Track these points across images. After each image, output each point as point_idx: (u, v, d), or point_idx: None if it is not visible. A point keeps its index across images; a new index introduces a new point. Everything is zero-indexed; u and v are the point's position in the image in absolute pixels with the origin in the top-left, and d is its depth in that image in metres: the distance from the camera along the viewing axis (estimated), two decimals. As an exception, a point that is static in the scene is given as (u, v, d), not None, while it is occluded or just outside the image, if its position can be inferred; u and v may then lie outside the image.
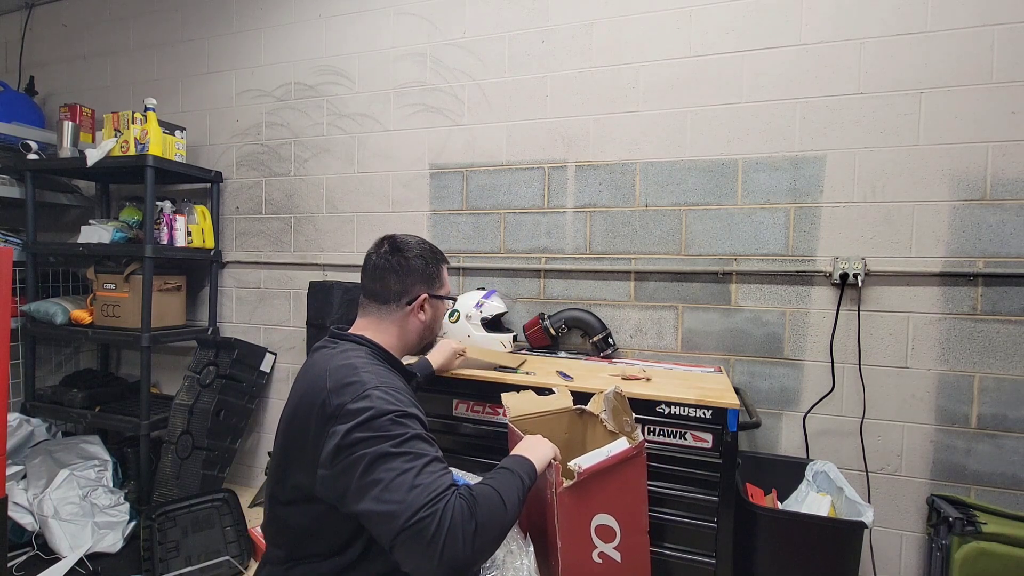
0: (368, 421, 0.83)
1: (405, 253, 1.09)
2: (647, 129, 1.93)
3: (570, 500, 1.03)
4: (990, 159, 1.61)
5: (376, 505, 0.77)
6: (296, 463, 0.91)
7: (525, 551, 1.07)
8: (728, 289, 1.86)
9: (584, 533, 1.07)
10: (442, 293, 1.16)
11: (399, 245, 1.11)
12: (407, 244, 1.11)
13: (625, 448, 1.09)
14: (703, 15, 1.85)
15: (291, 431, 0.94)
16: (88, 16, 2.88)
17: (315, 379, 0.93)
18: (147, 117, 2.21)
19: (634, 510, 1.14)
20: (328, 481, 0.84)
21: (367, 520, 0.80)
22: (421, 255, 1.11)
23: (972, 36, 1.61)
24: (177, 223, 2.33)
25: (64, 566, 1.84)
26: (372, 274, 1.10)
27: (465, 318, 1.85)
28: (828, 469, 1.58)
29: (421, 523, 0.74)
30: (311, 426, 0.88)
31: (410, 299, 1.09)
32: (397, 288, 1.08)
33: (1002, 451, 1.62)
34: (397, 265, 1.08)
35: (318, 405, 0.88)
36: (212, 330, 2.55)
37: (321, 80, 2.39)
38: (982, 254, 1.62)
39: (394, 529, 0.75)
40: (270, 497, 0.98)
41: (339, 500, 0.84)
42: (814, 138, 1.75)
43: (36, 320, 2.37)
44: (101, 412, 2.29)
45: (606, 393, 1.22)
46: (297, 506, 0.92)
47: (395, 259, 1.08)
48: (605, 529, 1.09)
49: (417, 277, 1.09)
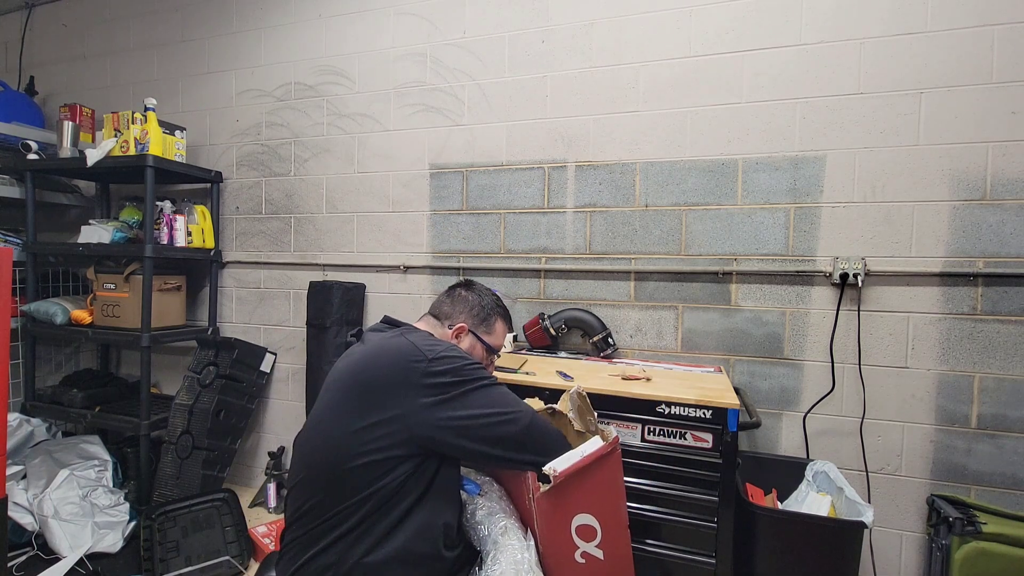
0: (466, 366, 1.02)
1: (468, 290, 1.29)
2: (647, 129, 1.93)
3: (548, 504, 1.04)
4: (990, 159, 1.61)
5: (495, 418, 1.00)
6: (380, 414, 0.96)
7: (526, 545, 1.07)
8: (728, 289, 1.86)
9: (565, 535, 1.07)
10: (486, 338, 1.26)
11: (470, 285, 1.32)
12: (478, 286, 1.32)
13: (599, 446, 1.09)
14: (703, 15, 1.85)
15: (372, 392, 0.98)
16: (88, 16, 2.88)
17: (396, 342, 1.04)
18: (147, 117, 2.20)
19: (613, 507, 1.14)
20: (438, 411, 0.96)
21: (482, 430, 0.98)
22: (480, 295, 1.29)
23: (972, 36, 1.61)
24: (177, 223, 2.33)
25: (64, 566, 1.84)
26: (443, 294, 1.30)
27: (465, 318, 1.84)
28: (828, 469, 1.58)
29: (541, 425, 1.05)
30: (409, 375, 0.97)
31: (452, 323, 1.24)
32: (447, 311, 1.26)
33: (1002, 451, 1.62)
34: (458, 296, 1.28)
35: (411, 352, 1.00)
36: (212, 330, 2.55)
37: (321, 80, 2.39)
38: (982, 254, 1.62)
39: (519, 429, 1.02)
40: (322, 447, 0.99)
41: (442, 426, 0.96)
42: (814, 138, 1.75)
43: (36, 320, 2.37)
44: (101, 412, 2.29)
45: (570, 393, 1.22)
46: (367, 466, 0.95)
47: (459, 291, 1.29)
48: (586, 529, 1.09)
49: (466, 309, 1.26)
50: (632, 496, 1.42)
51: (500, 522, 1.10)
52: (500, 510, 1.14)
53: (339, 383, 1.04)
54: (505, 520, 1.11)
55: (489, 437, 0.99)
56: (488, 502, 1.15)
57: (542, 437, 1.05)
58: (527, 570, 1.02)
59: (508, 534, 1.07)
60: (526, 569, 1.02)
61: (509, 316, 1.34)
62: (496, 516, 1.11)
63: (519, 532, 1.09)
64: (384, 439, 0.95)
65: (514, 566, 1.01)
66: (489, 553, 1.04)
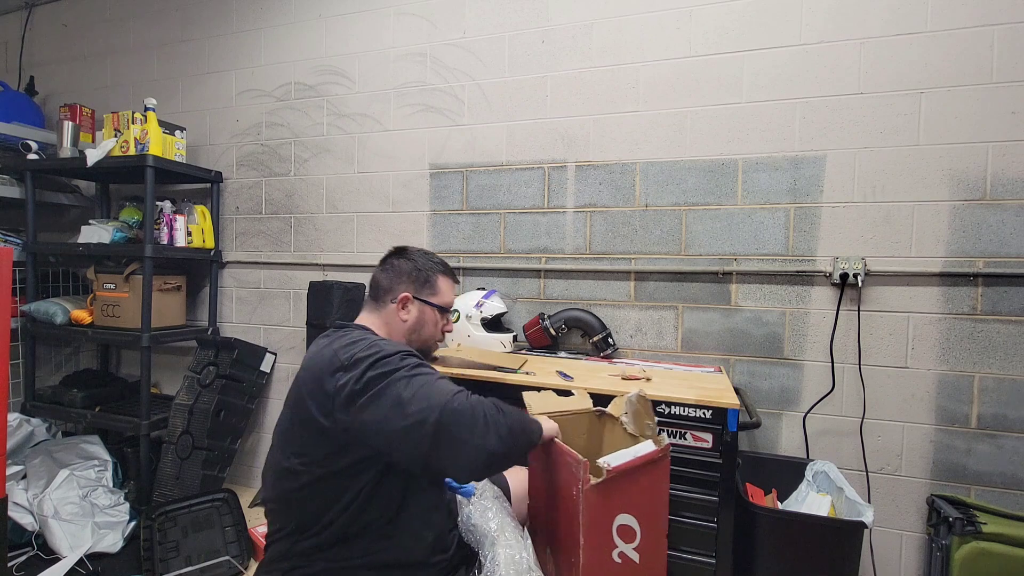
0: (379, 360, 0.92)
1: (399, 256, 1.18)
2: (647, 129, 1.93)
3: (596, 498, 1.04)
4: (990, 159, 1.61)
5: (404, 421, 0.86)
6: (308, 424, 0.94)
7: (523, 544, 1.07)
8: (728, 289, 1.86)
9: (606, 532, 1.08)
10: (432, 300, 1.18)
11: (400, 250, 1.20)
12: (411, 250, 1.20)
13: (651, 450, 1.10)
14: (703, 15, 1.85)
15: (300, 400, 0.96)
16: (88, 16, 2.88)
17: (322, 353, 0.98)
18: (147, 117, 2.20)
19: (655, 512, 1.14)
20: (350, 422, 0.89)
21: (398, 442, 0.87)
22: (414, 259, 1.18)
23: (972, 36, 1.61)
24: (177, 223, 2.33)
25: (64, 566, 1.84)
26: (376, 272, 1.19)
27: (465, 318, 1.85)
28: (828, 469, 1.58)
29: (454, 413, 0.87)
30: (324, 385, 0.92)
31: (394, 297, 1.15)
32: (386, 285, 1.16)
33: (1002, 451, 1.62)
34: (390, 266, 1.17)
35: (328, 362, 0.94)
36: (212, 330, 2.55)
37: (321, 80, 2.39)
38: (982, 254, 1.62)
39: (427, 433, 0.85)
40: (276, 473, 0.99)
41: (363, 436, 0.89)
42: (814, 138, 1.75)
43: (36, 320, 2.37)
44: (101, 412, 2.28)
45: (628, 396, 1.23)
46: (307, 470, 0.94)
47: (389, 261, 1.18)
48: (626, 529, 1.09)
49: (404, 278, 1.16)
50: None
51: (497, 522, 1.10)
52: (496, 510, 1.14)
53: (290, 397, 1.02)
54: (501, 520, 1.12)
55: (403, 439, 0.88)
56: (484, 503, 1.16)
57: (451, 440, 0.87)
58: (526, 570, 1.02)
59: (505, 533, 1.08)
60: (525, 569, 1.02)
61: (451, 270, 1.25)
62: (492, 517, 1.12)
63: (516, 531, 1.10)
64: (323, 455, 0.93)
65: (514, 566, 1.01)
66: (488, 555, 1.04)
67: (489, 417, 0.90)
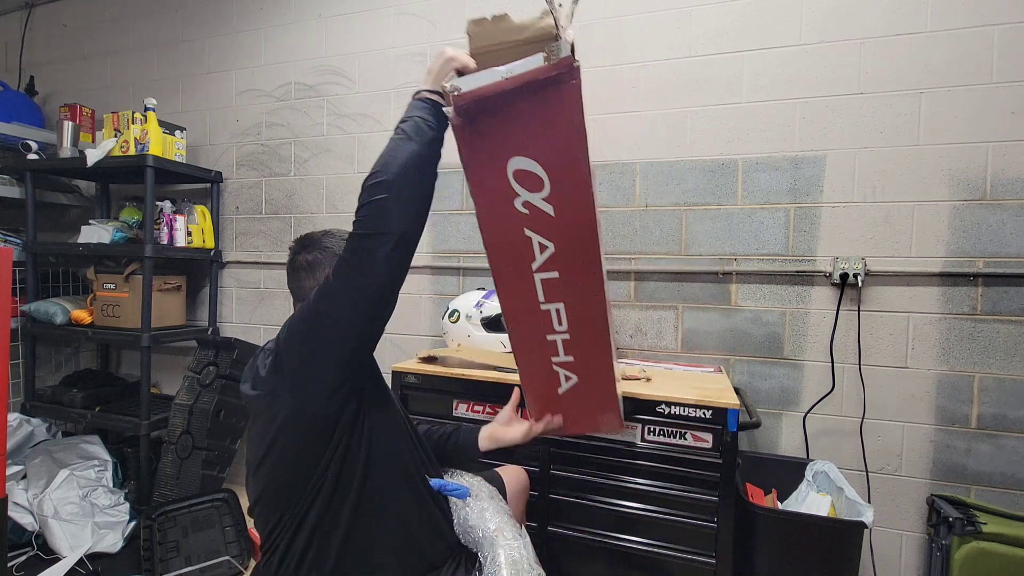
0: (293, 318, 0.92)
1: (311, 248, 1.05)
2: (647, 129, 1.92)
3: (465, 133, 0.85)
4: (990, 159, 1.61)
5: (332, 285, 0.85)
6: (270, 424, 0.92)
7: (522, 543, 1.07)
8: (728, 289, 1.86)
9: (500, 177, 0.88)
10: None
11: (307, 241, 1.07)
12: (314, 239, 1.07)
13: (535, 68, 0.77)
14: (703, 15, 1.85)
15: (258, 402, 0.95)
16: (88, 16, 2.88)
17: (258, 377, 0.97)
18: (147, 117, 2.20)
19: (566, 155, 0.85)
20: (290, 367, 0.89)
21: (338, 296, 0.84)
22: (322, 249, 1.05)
23: (972, 36, 1.61)
24: (177, 223, 2.33)
25: (64, 566, 1.84)
26: (290, 275, 1.07)
27: (465, 318, 1.85)
28: (828, 469, 1.58)
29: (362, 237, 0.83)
30: (269, 383, 0.92)
31: None
32: (310, 285, 1.02)
33: (1002, 451, 1.62)
34: (305, 262, 1.04)
35: (260, 365, 0.95)
36: (212, 330, 2.55)
37: (321, 80, 2.39)
38: (982, 254, 1.62)
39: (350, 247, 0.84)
40: (257, 481, 0.98)
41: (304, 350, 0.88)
42: (814, 138, 1.75)
43: (36, 320, 2.37)
44: (101, 412, 2.28)
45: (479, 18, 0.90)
46: (280, 452, 0.93)
47: (302, 257, 1.05)
48: (527, 175, 0.87)
49: (327, 268, 1.01)
50: (632, 496, 1.42)
51: (495, 523, 1.10)
52: (493, 510, 1.14)
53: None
54: (498, 519, 1.11)
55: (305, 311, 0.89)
56: (479, 503, 1.15)
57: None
58: (527, 569, 1.02)
59: (504, 534, 1.08)
60: (526, 568, 1.02)
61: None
62: (490, 518, 1.11)
63: (514, 529, 1.10)
64: (286, 440, 0.91)
65: (514, 566, 1.02)
66: (488, 556, 1.04)
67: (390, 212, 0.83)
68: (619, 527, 1.44)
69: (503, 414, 1.26)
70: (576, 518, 1.47)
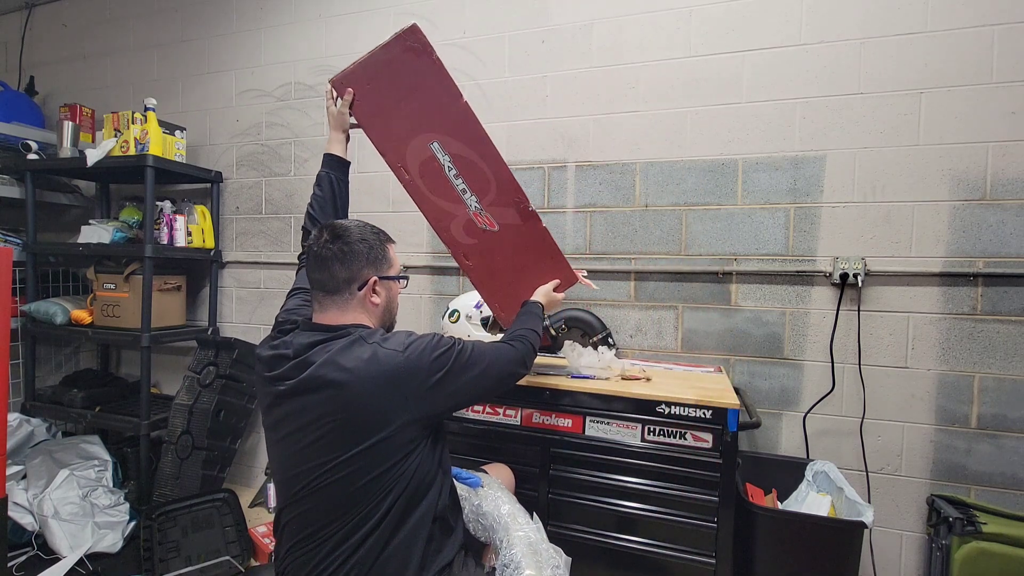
0: (435, 347, 1.04)
1: (346, 239, 1.06)
2: (647, 129, 1.92)
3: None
4: (990, 159, 1.61)
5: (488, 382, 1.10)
6: (382, 431, 0.95)
7: (535, 527, 1.12)
8: (728, 289, 1.86)
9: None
10: (391, 273, 1.12)
11: (339, 232, 1.07)
12: (347, 229, 1.08)
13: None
14: (703, 15, 1.85)
15: (364, 413, 0.96)
16: (88, 16, 2.88)
17: (380, 361, 0.98)
18: (147, 117, 2.20)
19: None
20: (437, 394, 1.01)
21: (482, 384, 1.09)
22: (363, 238, 1.07)
23: (972, 36, 1.61)
24: (177, 223, 2.33)
25: (64, 566, 1.84)
26: (317, 265, 1.06)
27: (465, 318, 1.84)
28: (828, 469, 1.58)
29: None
30: (398, 388, 0.97)
31: (360, 284, 1.06)
32: (344, 276, 1.04)
33: (1002, 451, 1.62)
34: (340, 252, 1.04)
35: (396, 369, 0.98)
36: (212, 330, 2.55)
37: (321, 80, 2.39)
38: (982, 254, 1.62)
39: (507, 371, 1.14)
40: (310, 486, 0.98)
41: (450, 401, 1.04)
42: (814, 138, 1.75)
43: (36, 320, 2.37)
44: (101, 412, 2.28)
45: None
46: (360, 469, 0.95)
47: (336, 247, 1.04)
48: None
49: (363, 261, 1.06)
50: (632, 496, 1.42)
51: (507, 508, 1.16)
52: (503, 499, 1.19)
53: (307, 413, 0.97)
54: (510, 506, 1.16)
55: (475, 388, 1.08)
56: (491, 492, 1.20)
57: (489, 348, 1.14)
58: (545, 549, 1.08)
59: (516, 518, 1.13)
60: (545, 548, 1.08)
61: (386, 233, 1.17)
62: (501, 504, 1.17)
63: (525, 515, 1.16)
64: (391, 448, 0.95)
65: (530, 547, 1.06)
66: (503, 539, 1.09)
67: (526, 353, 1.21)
68: (619, 527, 1.44)
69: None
70: (576, 518, 1.47)
